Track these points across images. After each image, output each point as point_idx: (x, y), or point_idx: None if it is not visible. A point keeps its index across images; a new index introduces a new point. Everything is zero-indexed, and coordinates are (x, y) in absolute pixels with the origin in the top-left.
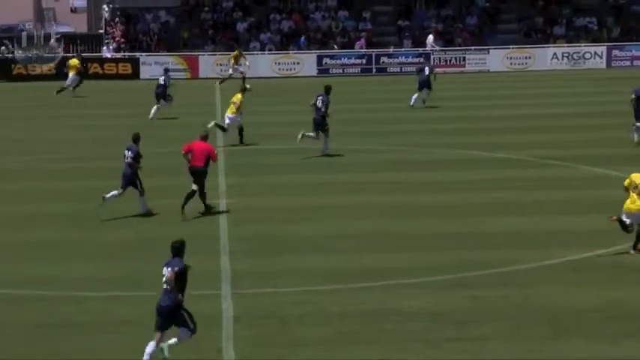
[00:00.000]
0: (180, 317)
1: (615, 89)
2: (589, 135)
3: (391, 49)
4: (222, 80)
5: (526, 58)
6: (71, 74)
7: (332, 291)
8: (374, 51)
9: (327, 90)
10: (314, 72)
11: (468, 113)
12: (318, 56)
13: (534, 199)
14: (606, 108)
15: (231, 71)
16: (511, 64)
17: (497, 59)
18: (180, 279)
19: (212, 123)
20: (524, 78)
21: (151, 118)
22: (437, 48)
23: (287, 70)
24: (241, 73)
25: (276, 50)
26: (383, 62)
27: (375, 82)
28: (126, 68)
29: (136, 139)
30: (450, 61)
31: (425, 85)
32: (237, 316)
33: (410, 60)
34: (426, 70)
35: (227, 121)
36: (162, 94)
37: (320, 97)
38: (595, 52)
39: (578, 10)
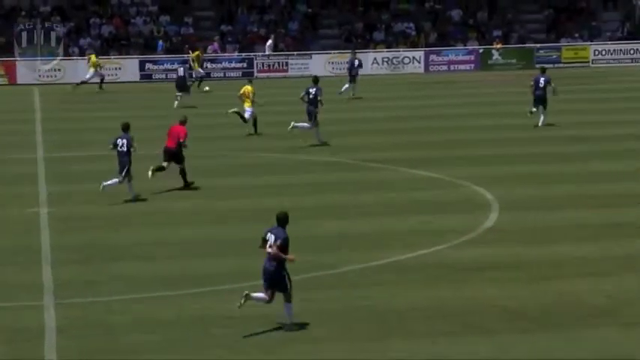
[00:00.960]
0: (281, 281)
1: (432, 93)
2: (408, 138)
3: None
4: (195, 82)
5: (348, 63)
6: (91, 70)
7: (159, 298)
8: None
9: (316, 80)
10: (137, 77)
11: (289, 118)
12: (140, 61)
13: (358, 201)
14: (424, 112)
15: (195, 73)
16: (333, 69)
17: (319, 64)
18: (284, 248)
19: (232, 110)
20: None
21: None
22: (271, 53)
23: (108, 75)
24: (199, 74)
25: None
26: (207, 67)
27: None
28: None
29: (126, 127)
30: (273, 65)
31: (356, 76)
32: (60, 327)
33: (233, 65)
34: (355, 63)
35: (247, 114)
36: (182, 85)
37: (312, 89)
38: (413, 57)
39: (396, 16)
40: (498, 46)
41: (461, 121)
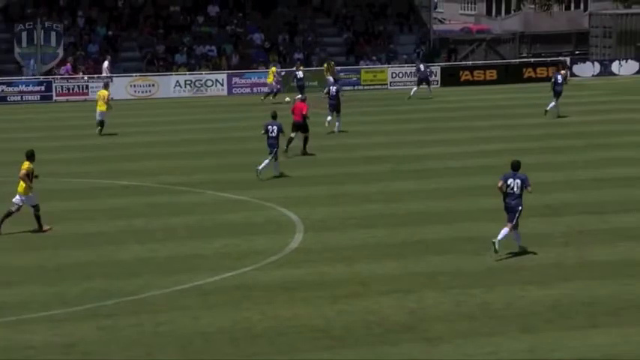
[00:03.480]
0: (518, 214)
1: (236, 116)
2: (214, 160)
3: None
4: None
5: (150, 86)
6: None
7: None
8: None
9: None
10: None
11: (88, 142)
12: None
13: (163, 225)
14: (228, 134)
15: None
16: (135, 92)
17: (120, 87)
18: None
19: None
20: (149, 106)
21: None
22: (109, 74)
23: None
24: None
25: None
26: (3, 91)
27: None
28: None
29: (275, 115)
30: (73, 89)
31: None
32: None
33: (31, 88)
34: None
35: (98, 117)
36: (424, 79)
37: (333, 87)
38: (216, 80)
39: (197, 38)
40: (300, 68)
41: (261, 143)
